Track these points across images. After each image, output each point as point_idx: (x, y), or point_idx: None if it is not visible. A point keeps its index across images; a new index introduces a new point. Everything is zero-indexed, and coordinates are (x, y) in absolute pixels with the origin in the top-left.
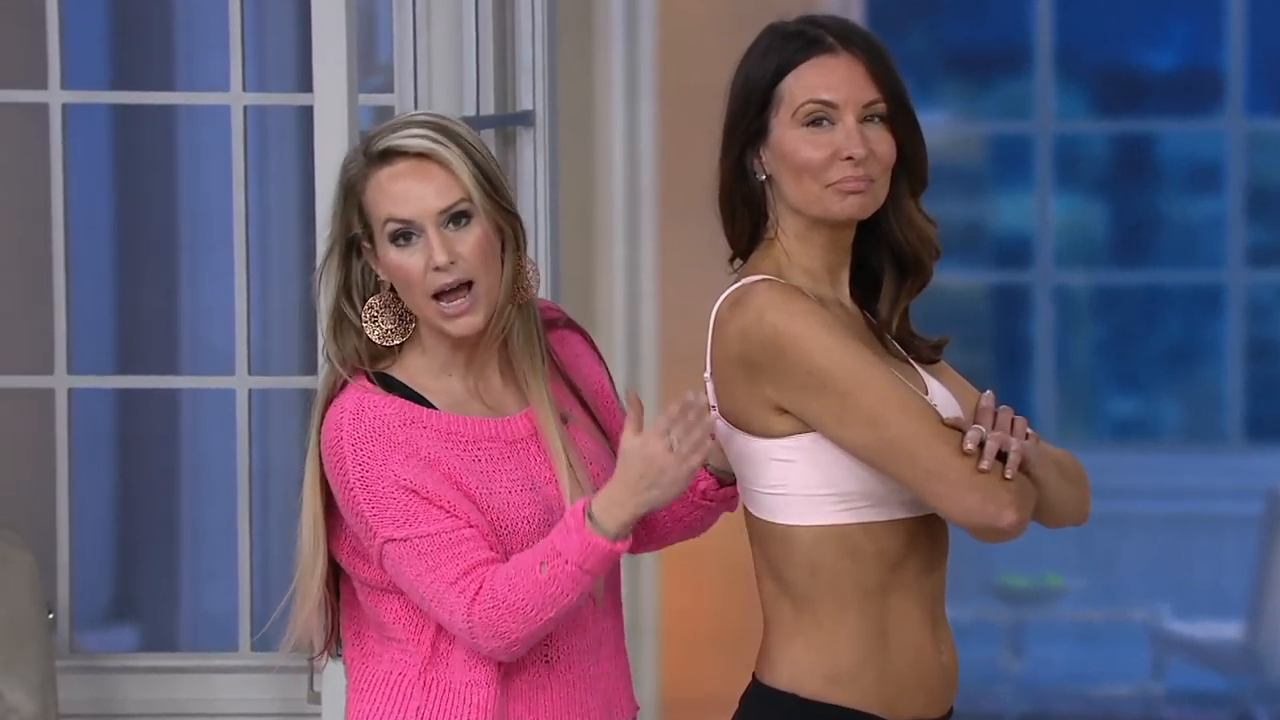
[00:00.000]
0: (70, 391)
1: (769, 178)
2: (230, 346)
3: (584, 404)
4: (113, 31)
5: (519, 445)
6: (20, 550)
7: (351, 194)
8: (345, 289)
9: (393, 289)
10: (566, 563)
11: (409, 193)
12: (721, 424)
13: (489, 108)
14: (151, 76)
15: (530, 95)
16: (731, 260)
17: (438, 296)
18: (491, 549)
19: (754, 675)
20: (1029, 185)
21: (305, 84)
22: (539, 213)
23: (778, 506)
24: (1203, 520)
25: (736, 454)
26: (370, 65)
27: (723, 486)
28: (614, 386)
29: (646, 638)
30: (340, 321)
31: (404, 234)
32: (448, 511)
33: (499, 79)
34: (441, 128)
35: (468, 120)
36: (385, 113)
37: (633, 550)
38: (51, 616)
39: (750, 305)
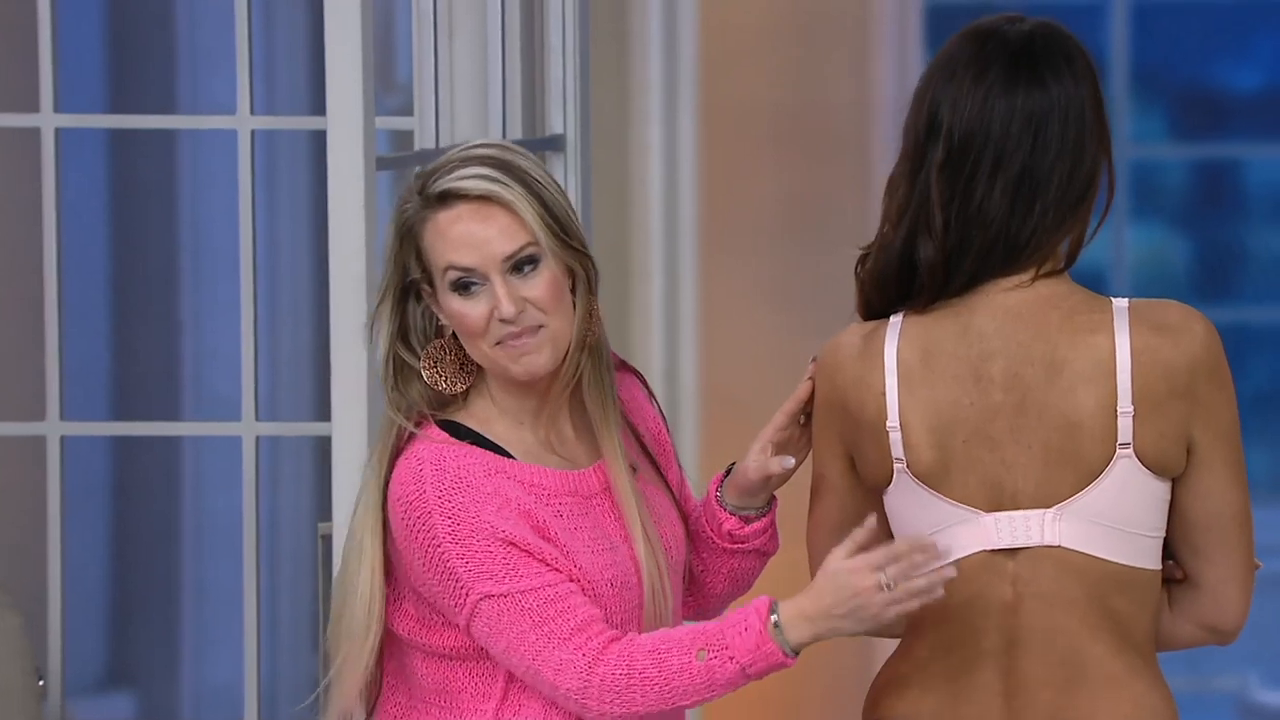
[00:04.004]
0: (63, 439)
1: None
2: (236, 390)
3: (647, 452)
4: (109, 50)
5: (593, 501)
6: (7, 611)
7: (409, 237)
8: (403, 334)
9: (454, 334)
10: (732, 659)
11: (470, 239)
12: (1130, 464)
13: (516, 131)
14: (151, 98)
15: (560, 117)
16: (1043, 275)
17: (498, 343)
18: (593, 605)
19: None
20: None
21: (318, 106)
22: None
23: (1149, 551)
24: None
25: (1133, 498)
26: (388, 84)
27: (748, 524)
28: (668, 428)
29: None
30: (400, 369)
31: (466, 283)
32: (549, 564)
33: (527, 99)
34: (503, 164)
35: None
36: (404, 137)
37: (697, 618)
38: (41, 683)
39: (1195, 333)
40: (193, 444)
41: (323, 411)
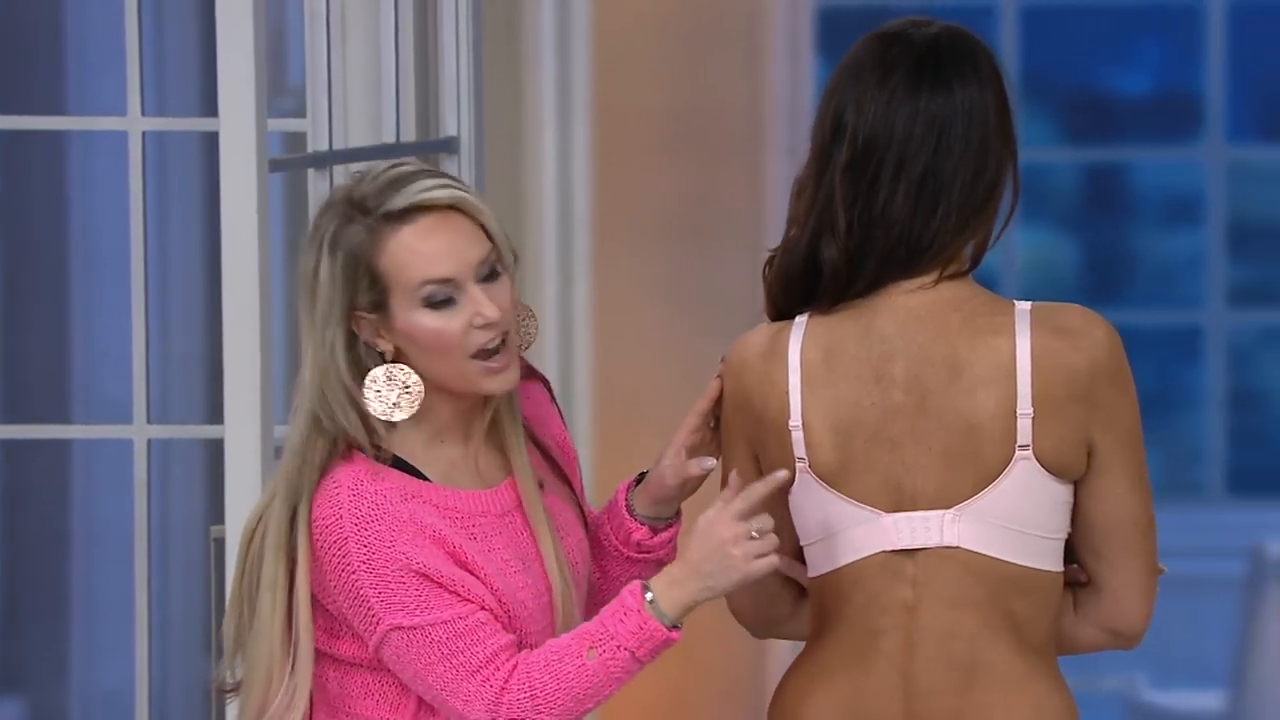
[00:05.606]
0: None
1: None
2: (126, 393)
3: (553, 464)
4: None
5: (507, 518)
6: None
7: (358, 263)
8: (349, 364)
9: (394, 360)
10: (620, 648)
11: (446, 249)
12: (1030, 465)
13: (410, 133)
14: (39, 99)
15: (454, 119)
16: (947, 277)
17: (476, 355)
18: (507, 631)
19: None
20: None
21: (209, 108)
22: None
23: (1050, 553)
24: (1180, 581)
25: (1033, 500)
26: (280, 87)
27: (656, 534)
28: (570, 435)
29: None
30: (344, 398)
31: (445, 296)
32: (461, 596)
33: (420, 101)
34: (447, 174)
35: (387, 148)
36: (297, 139)
37: (586, 617)
38: None
39: (1096, 337)
40: (83, 447)
41: (215, 414)
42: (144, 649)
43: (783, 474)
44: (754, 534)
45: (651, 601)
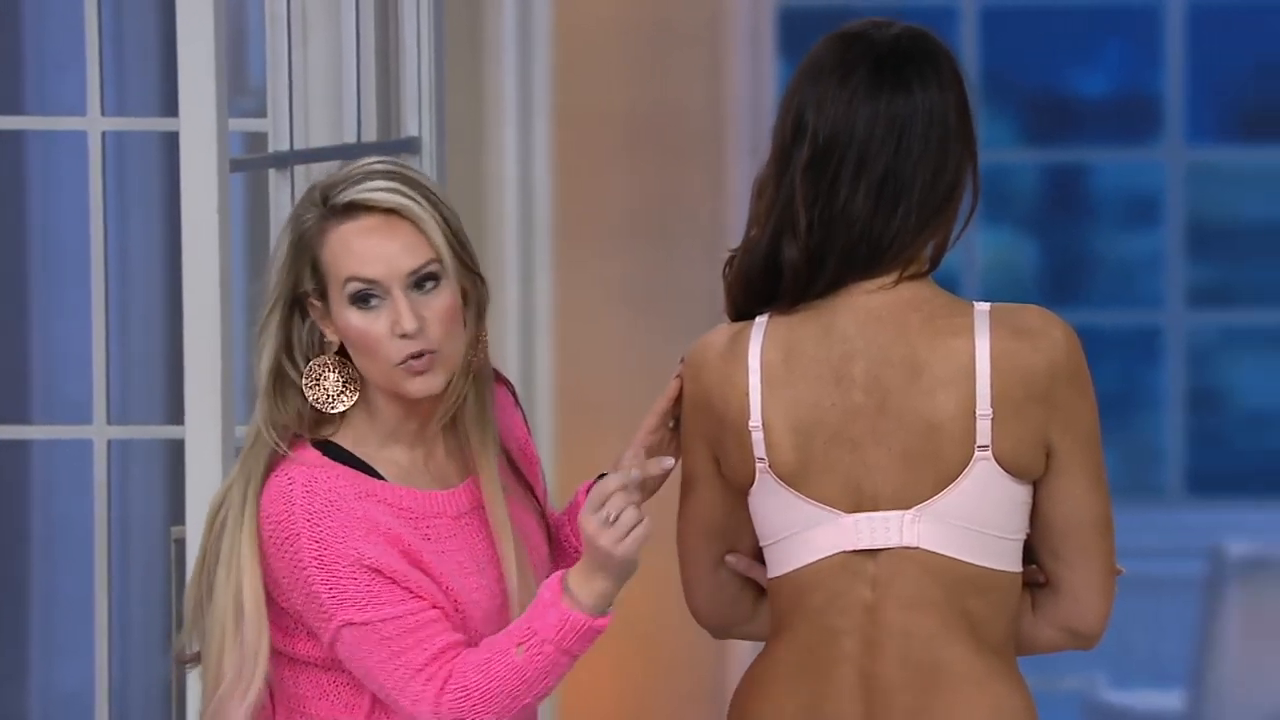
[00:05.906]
0: None
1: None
2: (86, 393)
3: (515, 468)
4: None
5: (463, 520)
6: None
7: (305, 248)
8: (287, 348)
9: (339, 350)
10: (545, 642)
11: (376, 251)
12: (989, 466)
13: (371, 134)
14: None
15: (416, 119)
16: (907, 278)
17: (401, 363)
18: (457, 631)
19: None
20: None
21: (169, 108)
22: None
23: (1008, 554)
24: (1140, 581)
25: (992, 500)
26: (241, 87)
27: None
28: (533, 438)
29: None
30: (281, 384)
31: (367, 295)
32: (412, 593)
33: (382, 102)
34: (409, 180)
35: (349, 148)
36: (258, 139)
37: None
38: None
39: (1054, 338)
40: (42, 448)
41: (175, 415)
42: (104, 650)
43: (635, 473)
44: (609, 522)
45: (569, 592)
